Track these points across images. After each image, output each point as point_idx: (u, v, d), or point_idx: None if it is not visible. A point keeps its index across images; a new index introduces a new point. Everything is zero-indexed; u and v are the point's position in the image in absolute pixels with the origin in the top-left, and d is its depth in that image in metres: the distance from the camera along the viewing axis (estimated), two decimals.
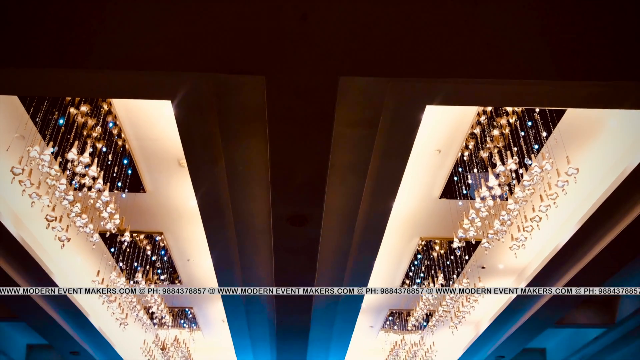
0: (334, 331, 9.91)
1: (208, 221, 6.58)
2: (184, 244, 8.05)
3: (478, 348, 10.85)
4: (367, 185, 5.76)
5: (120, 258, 8.04)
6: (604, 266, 7.07)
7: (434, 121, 5.63)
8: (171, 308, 10.14)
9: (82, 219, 5.69)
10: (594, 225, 6.40)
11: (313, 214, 5.91)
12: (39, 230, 7.30)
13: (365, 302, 9.51)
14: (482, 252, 7.89)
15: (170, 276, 9.00)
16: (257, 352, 11.02)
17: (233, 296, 8.61)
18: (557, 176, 5.14)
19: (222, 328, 11.10)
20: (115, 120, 5.56)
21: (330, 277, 7.85)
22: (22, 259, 7.22)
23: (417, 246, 8.07)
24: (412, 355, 10.43)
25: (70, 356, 10.84)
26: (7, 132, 5.59)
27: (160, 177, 6.54)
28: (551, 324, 9.33)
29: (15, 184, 5.75)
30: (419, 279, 8.89)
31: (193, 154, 5.36)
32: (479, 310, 9.66)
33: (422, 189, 6.79)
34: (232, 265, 7.65)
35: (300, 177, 5.31)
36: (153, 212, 7.26)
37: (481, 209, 5.62)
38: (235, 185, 5.74)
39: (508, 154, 5.19)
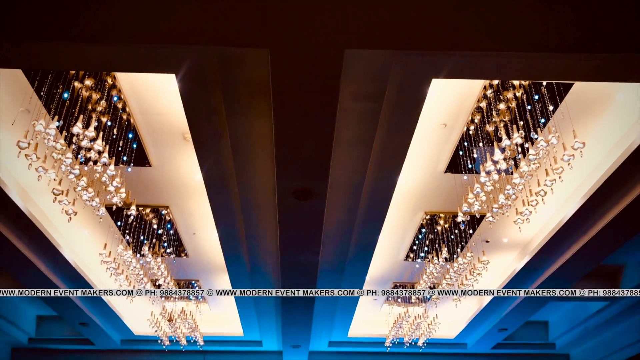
0: (338, 303, 10.03)
1: (213, 195, 6.61)
2: (190, 217, 8.11)
3: (481, 321, 10.98)
4: (372, 159, 5.76)
5: (126, 231, 8.11)
6: (608, 240, 7.09)
7: (440, 95, 5.59)
8: (178, 280, 10.27)
9: (88, 193, 5.72)
10: (599, 199, 6.40)
11: (318, 187, 5.93)
12: (46, 204, 7.37)
13: (370, 275, 9.59)
14: (487, 226, 7.91)
15: (177, 249, 9.09)
16: (263, 324, 11.19)
17: (239, 269, 8.71)
18: (563, 150, 5.12)
19: (228, 300, 11.25)
20: (120, 94, 5.55)
21: (335, 251, 7.91)
22: (29, 232, 7.30)
23: (422, 220, 8.09)
24: (415, 328, 10.56)
25: (79, 327, 11.05)
26: (12, 106, 5.60)
27: (165, 151, 6.55)
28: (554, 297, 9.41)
29: (21, 158, 5.78)
30: (423, 253, 8.95)
31: (198, 127, 5.36)
32: (482, 283, 9.74)
33: (427, 163, 6.78)
34: (238, 238, 7.71)
35: (305, 151, 5.31)
36: (159, 186, 7.30)
37: (486, 183, 5.62)
38: (240, 159, 5.75)
39: (514, 128, 5.16)
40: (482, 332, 11.51)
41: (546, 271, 8.35)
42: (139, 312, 11.64)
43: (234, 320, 11.82)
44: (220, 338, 12.37)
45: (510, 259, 9.27)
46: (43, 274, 8.21)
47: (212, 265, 9.75)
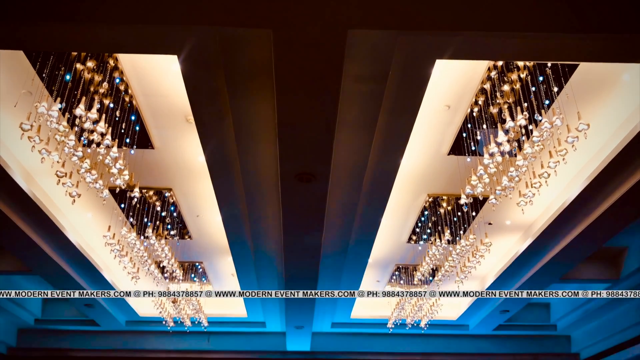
0: (341, 285, 10.09)
1: (216, 177, 6.63)
2: (193, 199, 8.13)
3: (483, 302, 11.05)
4: (375, 141, 5.75)
5: (130, 214, 8.15)
6: (611, 222, 7.10)
7: (444, 76, 5.55)
8: (182, 262, 10.33)
9: (91, 175, 5.73)
10: (602, 181, 6.39)
11: (320, 170, 5.94)
12: (49, 187, 7.40)
13: (372, 257, 9.64)
14: (490, 208, 7.91)
15: (180, 232, 9.13)
16: (266, 305, 11.29)
17: (243, 251, 8.76)
18: (567, 132, 5.09)
19: (232, 282, 11.33)
20: (122, 76, 5.52)
21: (338, 234, 7.94)
22: (33, 214, 7.34)
23: (425, 203, 8.09)
24: (417, 309, 10.63)
25: (84, 308, 11.16)
26: (15, 88, 5.59)
27: (168, 133, 6.55)
28: (556, 279, 9.45)
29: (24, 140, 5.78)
30: (425, 235, 8.97)
31: (200, 109, 5.35)
32: (484, 265, 9.77)
33: (431, 145, 6.76)
34: (241, 221, 7.74)
35: (308, 133, 5.30)
36: (161, 168, 7.31)
37: (489, 166, 5.60)
38: (243, 141, 5.75)
39: (518, 110, 5.13)
40: (484, 314, 11.58)
41: (548, 253, 8.37)
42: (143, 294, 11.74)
43: (238, 301, 11.92)
44: (224, 319, 12.50)
45: (512, 241, 9.29)
46: (48, 255, 8.28)
47: (216, 247, 9.80)
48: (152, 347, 13.28)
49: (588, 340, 12.65)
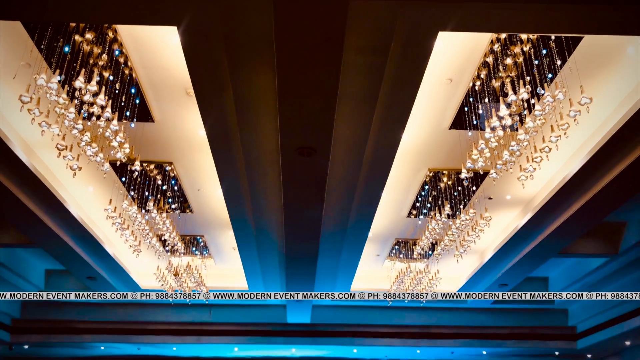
0: (341, 259, 10.16)
1: (217, 151, 6.61)
2: (194, 173, 8.13)
3: (482, 276, 11.14)
4: (376, 115, 5.72)
5: (131, 187, 8.16)
6: (612, 197, 7.11)
7: (446, 49, 5.49)
8: (183, 236, 10.39)
9: (92, 148, 5.72)
10: (604, 156, 6.38)
11: (321, 144, 5.93)
12: (50, 160, 7.40)
13: (372, 232, 9.69)
14: (490, 183, 7.92)
15: (182, 205, 9.16)
16: (267, 279, 11.39)
17: (244, 225, 8.80)
18: (569, 106, 5.06)
19: (233, 255, 11.41)
20: (121, 48, 5.46)
21: (338, 208, 7.96)
22: (35, 187, 7.35)
23: (425, 177, 8.09)
24: (416, 282, 10.72)
25: (87, 281, 11.28)
26: (13, 60, 5.54)
27: (168, 106, 6.51)
28: (555, 253, 9.51)
29: (24, 113, 5.77)
30: (425, 210, 9.00)
31: (200, 82, 5.31)
32: (484, 239, 9.83)
33: (432, 119, 6.72)
34: (242, 195, 7.76)
35: (309, 106, 5.28)
36: (162, 141, 7.29)
37: (491, 140, 5.58)
38: (243, 114, 5.72)
39: (520, 83, 5.09)
40: (482, 288, 11.69)
41: (548, 228, 8.41)
42: (145, 267, 11.85)
43: (239, 275, 12.02)
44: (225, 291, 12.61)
45: (512, 216, 9.33)
46: (50, 228, 8.33)
47: (217, 221, 9.84)
48: (154, 319, 13.45)
49: (584, 314, 12.82)
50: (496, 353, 14.55)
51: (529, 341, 13.73)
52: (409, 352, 14.48)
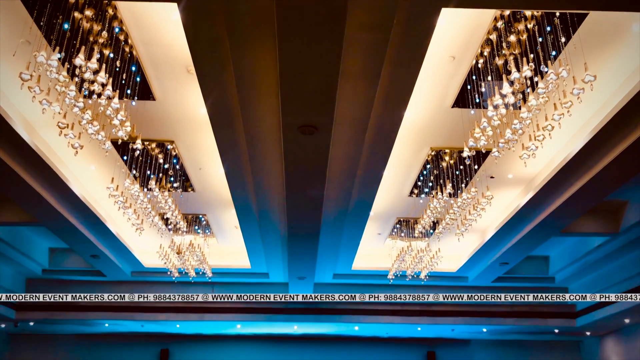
0: (343, 238, 10.21)
1: (218, 130, 6.60)
2: (196, 152, 8.13)
3: (483, 255, 11.20)
4: (378, 93, 5.69)
5: (133, 166, 8.17)
6: (614, 176, 7.10)
7: (449, 26, 5.43)
8: (185, 215, 10.43)
9: (93, 126, 5.71)
10: (607, 134, 6.35)
11: (323, 122, 5.90)
12: (52, 138, 7.40)
13: (374, 210, 9.71)
14: (492, 161, 7.91)
15: (183, 184, 9.18)
16: (270, 257, 11.46)
17: (245, 204, 8.82)
18: (573, 84, 5.02)
19: (235, 234, 11.46)
20: (122, 25, 5.42)
21: (340, 187, 7.97)
22: (37, 166, 7.37)
23: (427, 156, 8.08)
24: (417, 261, 10.78)
25: (90, 259, 11.36)
26: (12, 38, 5.50)
27: (169, 84, 6.48)
28: (556, 232, 9.54)
29: (25, 91, 5.75)
30: (427, 189, 9.00)
31: (201, 60, 5.27)
32: (485, 218, 9.84)
33: (434, 97, 6.69)
34: (243, 174, 7.76)
35: (311, 84, 5.24)
36: (163, 120, 7.27)
37: (493, 118, 5.56)
38: (245, 92, 5.70)
39: (524, 61, 5.04)
40: (483, 266, 11.76)
41: (549, 207, 8.41)
42: (148, 245, 11.92)
43: (242, 253, 12.10)
44: (228, 270, 12.71)
45: (514, 195, 9.33)
46: (52, 207, 8.37)
47: (219, 199, 9.87)
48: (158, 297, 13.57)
49: (585, 291, 12.89)
50: (496, 330, 14.70)
51: (529, 319, 13.86)
52: (410, 329, 14.63)
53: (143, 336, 15.78)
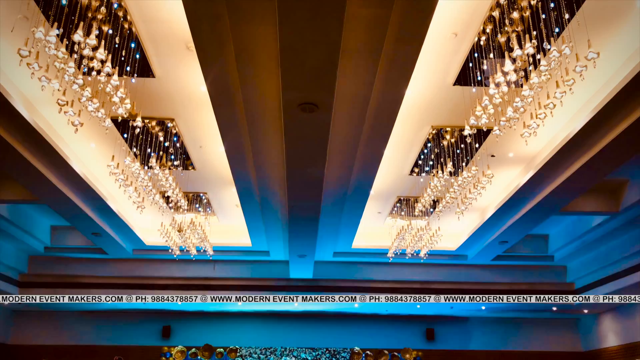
0: (343, 216, 10.24)
1: (218, 107, 6.57)
2: (196, 130, 8.10)
3: (482, 233, 11.25)
4: (379, 70, 5.65)
5: (133, 144, 8.15)
6: (615, 154, 7.09)
7: (452, 2, 5.37)
8: (186, 193, 10.45)
9: (93, 104, 5.69)
10: (608, 112, 6.33)
11: (324, 100, 5.88)
12: (51, 116, 7.37)
13: (374, 189, 9.72)
14: (493, 140, 7.89)
15: (184, 162, 9.17)
16: (270, 235, 11.52)
17: (246, 183, 8.83)
18: (575, 61, 4.98)
19: (236, 212, 11.50)
20: (120, 1, 5.36)
21: (340, 165, 7.97)
22: (37, 143, 7.36)
23: (428, 135, 8.06)
24: (417, 239, 10.83)
25: (92, 237, 11.43)
26: (10, 13, 5.45)
27: (168, 61, 6.43)
28: (556, 211, 9.56)
29: (23, 68, 5.70)
30: (428, 167, 9.00)
31: (201, 36, 5.23)
32: (485, 197, 9.86)
33: (436, 75, 6.64)
34: (244, 152, 7.75)
35: (311, 61, 5.20)
36: (163, 97, 7.24)
37: (495, 96, 5.53)
38: (245, 69, 5.66)
39: (527, 38, 4.99)
40: (483, 245, 11.82)
41: (550, 185, 8.42)
42: (149, 223, 11.97)
43: (243, 231, 12.15)
44: (229, 248, 12.79)
45: (515, 174, 9.33)
46: (53, 185, 8.38)
47: (220, 178, 9.87)
48: (159, 275, 13.70)
49: (583, 270, 12.98)
50: (495, 308, 14.83)
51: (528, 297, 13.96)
52: (409, 306, 14.77)
53: (145, 313, 15.95)
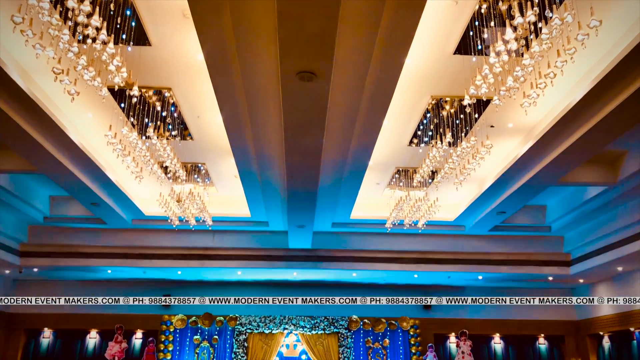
0: (342, 187, 10.26)
1: (216, 76, 6.50)
2: (194, 99, 8.04)
3: (480, 204, 11.29)
4: (378, 38, 5.57)
5: (130, 113, 8.10)
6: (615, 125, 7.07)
7: None
8: (184, 163, 10.43)
9: (89, 72, 5.63)
10: (609, 83, 6.29)
11: (322, 68, 5.81)
12: (47, 85, 7.30)
13: (373, 160, 9.70)
14: (492, 110, 7.85)
15: (182, 132, 9.13)
16: (269, 206, 11.55)
17: (244, 153, 8.81)
18: (577, 29, 4.91)
19: (234, 183, 11.50)
20: None
21: (339, 135, 7.93)
22: (34, 113, 7.32)
23: (427, 105, 8.01)
24: (415, 210, 10.88)
25: (91, 207, 11.46)
26: None
27: (165, 29, 6.34)
28: (554, 182, 9.58)
29: (18, 36, 5.63)
30: (427, 138, 8.97)
31: (197, 3, 5.13)
32: (484, 167, 9.86)
33: (436, 44, 6.56)
34: (242, 121, 7.71)
35: (310, 28, 5.12)
36: (160, 66, 7.15)
37: (495, 65, 5.47)
38: (243, 37, 5.58)
39: (528, 5, 4.91)
40: (480, 215, 11.87)
41: (549, 156, 8.41)
42: (148, 194, 11.99)
43: (241, 202, 12.19)
44: (228, 219, 12.84)
45: (513, 144, 9.31)
46: (51, 155, 8.37)
47: (218, 148, 9.84)
48: (159, 245, 13.79)
49: (580, 240, 13.08)
50: (491, 278, 15.01)
51: (524, 267, 14.12)
52: (407, 276, 14.93)
53: (145, 282, 16.12)
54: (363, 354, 15.77)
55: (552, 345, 16.46)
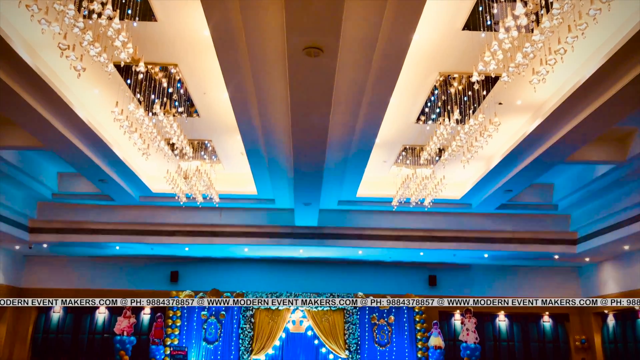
0: (348, 165, 10.25)
1: (222, 52, 6.46)
2: (200, 76, 8.00)
3: (487, 182, 11.25)
4: (386, 13, 5.50)
5: (136, 90, 8.08)
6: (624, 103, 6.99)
7: None
8: (191, 140, 10.43)
9: (95, 48, 5.60)
10: (619, 59, 6.19)
11: (329, 43, 5.76)
12: (54, 61, 7.28)
13: (380, 138, 9.66)
14: (501, 87, 7.76)
15: (188, 109, 9.10)
16: (276, 183, 11.57)
17: (251, 130, 8.79)
18: (589, 4, 4.82)
19: (241, 160, 11.50)
20: None
21: (346, 112, 7.89)
22: (41, 89, 7.31)
23: (435, 82, 7.93)
24: (422, 188, 10.86)
25: (98, 183, 11.52)
26: None
27: (170, 3, 6.27)
28: (562, 160, 9.52)
29: (23, 11, 5.59)
30: (434, 115, 8.90)
31: None
32: (492, 145, 9.79)
33: (445, 19, 6.46)
34: (248, 98, 7.68)
35: (316, 3, 5.06)
36: (166, 42, 7.11)
37: (504, 41, 5.40)
38: (249, 12, 5.53)
39: None
40: (487, 193, 11.84)
41: (557, 134, 8.35)
42: (155, 171, 12.03)
43: (248, 179, 12.21)
44: (235, 196, 12.88)
45: (522, 122, 9.23)
46: (58, 131, 8.39)
47: (224, 125, 9.82)
48: (166, 221, 13.88)
49: (586, 219, 13.04)
50: (497, 256, 15.04)
51: (530, 245, 14.12)
52: (413, 254, 14.98)
53: (153, 258, 16.29)
54: (368, 331, 15.93)
55: (556, 323, 16.55)
